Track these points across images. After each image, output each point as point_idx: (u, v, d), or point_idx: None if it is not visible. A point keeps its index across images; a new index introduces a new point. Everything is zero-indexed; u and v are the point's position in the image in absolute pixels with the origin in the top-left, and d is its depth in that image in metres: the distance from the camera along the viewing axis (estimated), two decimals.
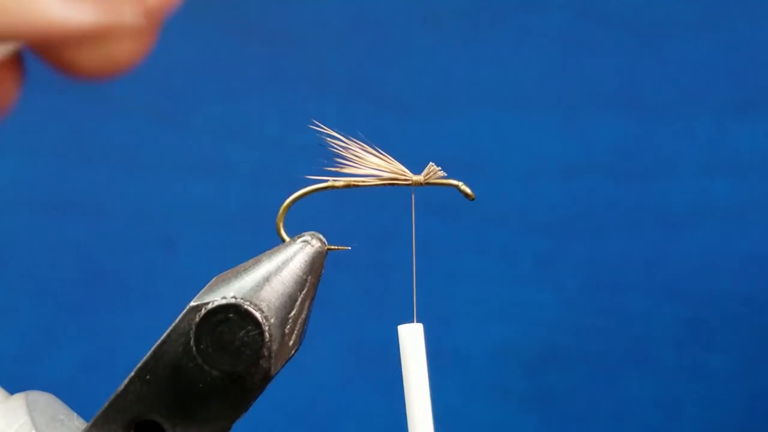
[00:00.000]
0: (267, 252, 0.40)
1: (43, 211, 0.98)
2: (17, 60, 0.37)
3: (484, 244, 1.00)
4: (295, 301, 0.39)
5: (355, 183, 0.41)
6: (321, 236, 0.40)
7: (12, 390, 0.42)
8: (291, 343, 0.39)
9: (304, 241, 0.40)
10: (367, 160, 0.41)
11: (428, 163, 0.41)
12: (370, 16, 1.00)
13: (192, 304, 0.39)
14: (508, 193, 0.99)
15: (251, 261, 0.40)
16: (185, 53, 0.99)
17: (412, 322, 0.43)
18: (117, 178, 0.99)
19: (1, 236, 0.98)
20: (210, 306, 0.38)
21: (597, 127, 1.00)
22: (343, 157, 0.41)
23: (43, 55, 0.36)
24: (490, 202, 0.99)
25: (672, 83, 1.00)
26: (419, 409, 0.43)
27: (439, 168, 0.41)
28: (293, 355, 0.39)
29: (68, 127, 0.98)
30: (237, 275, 0.39)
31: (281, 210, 0.41)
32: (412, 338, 0.42)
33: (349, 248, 0.43)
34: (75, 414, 0.42)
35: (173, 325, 0.39)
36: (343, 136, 0.41)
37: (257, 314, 0.38)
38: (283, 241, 0.40)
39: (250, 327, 0.38)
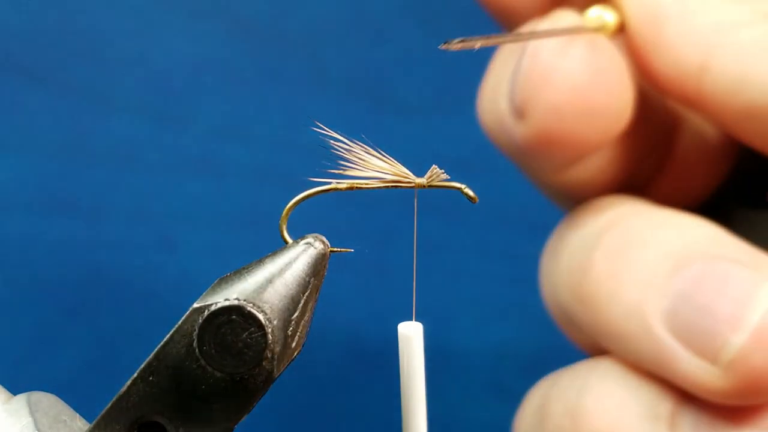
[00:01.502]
0: (270, 254, 0.40)
1: (43, 211, 0.98)
2: None
3: (484, 244, 1.00)
4: (298, 303, 0.39)
5: (358, 185, 0.41)
6: (324, 238, 0.40)
7: (14, 391, 0.42)
8: (294, 345, 0.39)
9: (306, 243, 0.40)
10: (369, 163, 0.41)
11: (431, 166, 0.41)
12: (370, 16, 1.00)
13: (195, 305, 0.39)
14: (508, 192, 0.99)
15: (254, 263, 0.40)
16: (185, 53, 0.99)
17: (412, 321, 0.43)
18: (117, 178, 0.99)
19: (1, 236, 0.98)
20: (213, 308, 0.38)
21: None
22: (346, 159, 0.41)
23: None
24: (490, 202, 0.99)
25: None
26: (414, 406, 0.43)
27: (442, 171, 0.41)
28: (296, 356, 0.40)
29: (68, 127, 0.98)
30: (240, 277, 0.39)
31: (284, 212, 0.41)
32: (411, 337, 0.42)
33: (352, 250, 0.43)
34: (78, 415, 0.42)
35: (176, 326, 0.39)
36: (345, 137, 0.41)
37: (260, 316, 0.38)
38: (286, 242, 0.40)
39: (253, 329, 0.38)
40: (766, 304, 0.48)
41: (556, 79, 0.49)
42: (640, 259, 0.51)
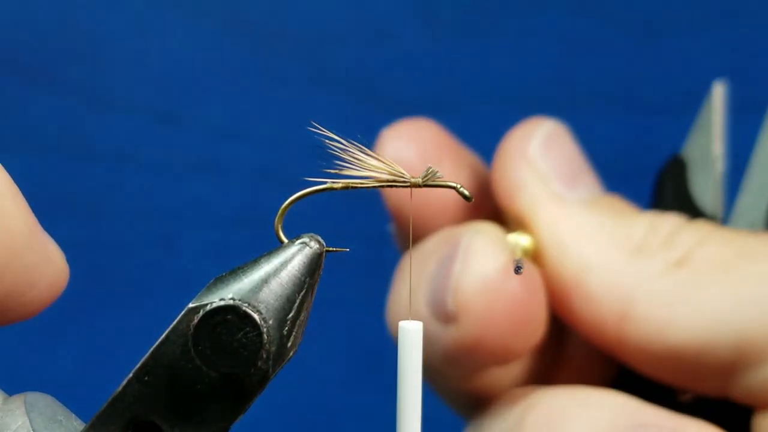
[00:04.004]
0: (265, 254, 0.40)
1: (43, 211, 0.98)
2: None
3: None
4: (294, 302, 0.39)
5: (353, 185, 0.41)
6: (319, 238, 0.40)
7: (10, 391, 0.42)
8: (289, 344, 0.39)
9: (302, 243, 0.40)
10: (365, 162, 0.41)
11: (427, 167, 0.41)
12: (370, 16, 1.00)
13: (190, 305, 0.39)
14: None
15: (249, 262, 0.39)
16: (185, 53, 0.99)
17: (408, 319, 0.43)
18: (117, 178, 0.99)
19: None
20: (208, 307, 0.38)
21: (597, 126, 1.00)
22: (342, 159, 0.41)
23: None
24: None
25: (672, 83, 1.00)
26: (409, 403, 0.43)
27: (437, 170, 0.41)
28: (291, 356, 0.40)
29: (68, 127, 0.98)
30: (235, 277, 0.39)
31: (279, 212, 0.41)
32: (411, 335, 0.43)
33: (348, 250, 0.43)
34: (73, 415, 0.42)
35: (172, 326, 0.39)
36: (342, 137, 0.41)
37: (255, 316, 0.38)
38: (282, 242, 0.40)
39: (248, 328, 0.38)
40: None
41: (498, 291, 0.52)
42: None
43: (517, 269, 0.47)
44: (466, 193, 0.42)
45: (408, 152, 0.61)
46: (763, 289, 0.52)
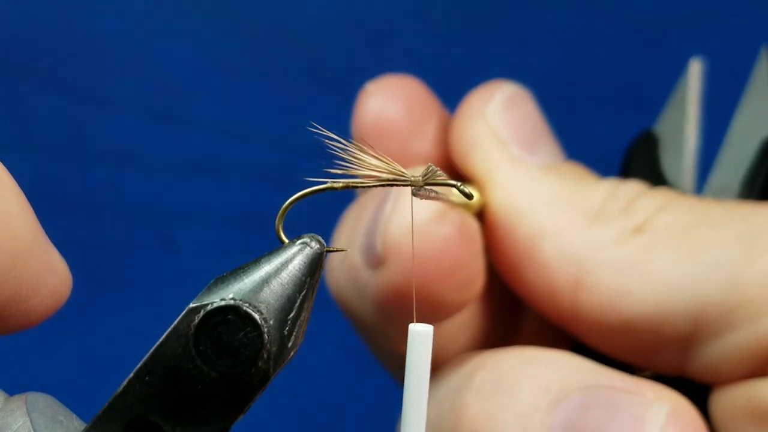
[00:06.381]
0: (266, 254, 0.40)
1: (43, 211, 0.98)
2: None
3: None
4: (294, 302, 0.39)
5: (353, 185, 0.41)
6: (320, 238, 0.40)
7: (11, 391, 0.42)
8: (290, 344, 0.39)
9: (302, 243, 0.40)
10: (366, 162, 0.41)
11: (427, 165, 0.41)
12: (370, 16, 1.00)
13: (191, 305, 0.39)
14: None
15: (250, 263, 0.40)
16: (185, 53, 0.99)
17: (413, 321, 0.43)
18: (117, 178, 0.99)
19: None
20: (209, 307, 0.38)
21: (597, 126, 1.00)
22: (343, 159, 0.41)
23: None
24: None
25: (672, 83, 1.00)
26: (416, 405, 0.43)
27: (438, 169, 0.41)
28: (292, 356, 0.40)
29: (68, 127, 0.98)
30: (236, 277, 0.39)
31: (280, 212, 0.41)
32: (421, 339, 0.43)
33: (348, 250, 0.43)
34: (74, 415, 0.42)
35: (172, 326, 0.39)
36: (342, 137, 0.41)
37: (256, 316, 0.38)
38: (282, 242, 0.40)
39: (249, 328, 0.38)
40: (659, 426, 0.48)
41: (426, 233, 0.50)
42: (517, 395, 0.50)
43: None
44: (467, 191, 0.42)
45: (394, 110, 0.59)
46: (724, 255, 0.49)
